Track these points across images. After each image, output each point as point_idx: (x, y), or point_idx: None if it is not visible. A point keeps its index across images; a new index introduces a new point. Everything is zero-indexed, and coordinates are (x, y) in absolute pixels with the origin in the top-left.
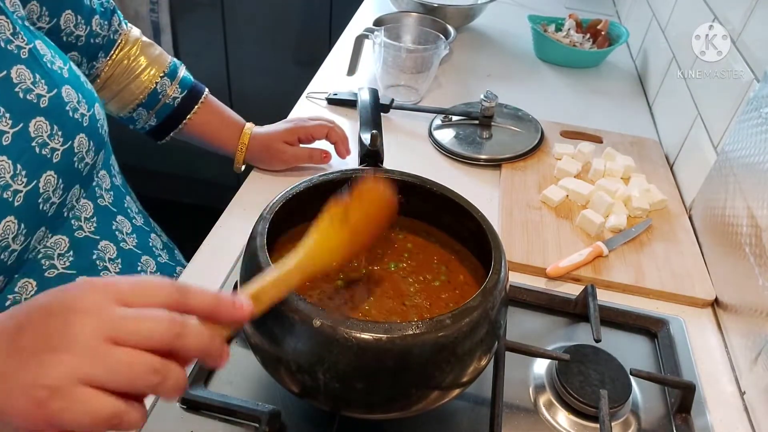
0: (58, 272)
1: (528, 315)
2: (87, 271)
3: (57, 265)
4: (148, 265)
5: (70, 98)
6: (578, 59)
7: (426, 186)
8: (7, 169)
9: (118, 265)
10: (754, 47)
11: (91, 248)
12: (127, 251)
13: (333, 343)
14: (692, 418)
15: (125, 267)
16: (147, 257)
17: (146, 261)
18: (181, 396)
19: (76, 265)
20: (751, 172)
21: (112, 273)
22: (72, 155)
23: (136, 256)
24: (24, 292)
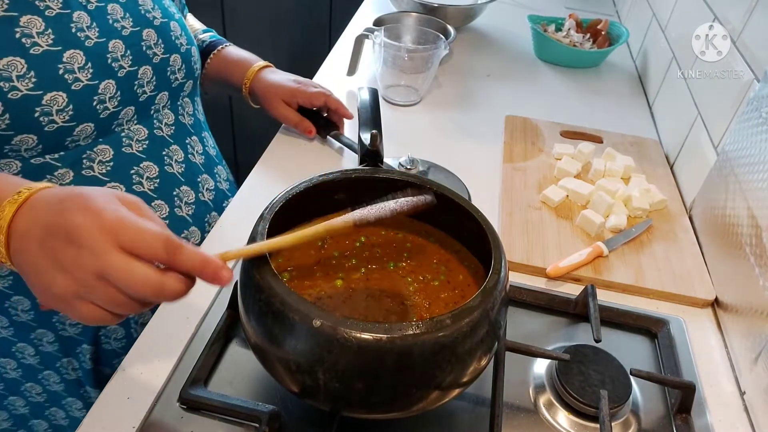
0: (132, 152)
1: (528, 315)
2: (155, 160)
3: (133, 146)
4: (207, 182)
5: (175, 30)
6: (578, 59)
7: (426, 186)
8: (119, 49)
9: (182, 168)
10: (754, 47)
11: (164, 146)
12: (193, 163)
13: (333, 343)
14: (692, 418)
15: (187, 172)
16: (208, 176)
17: (206, 178)
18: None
19: (147, 153)
20: (751, 172)
21: (175, 171)
22: (167, 65)
23: (199, 170)
24: (101, 155)
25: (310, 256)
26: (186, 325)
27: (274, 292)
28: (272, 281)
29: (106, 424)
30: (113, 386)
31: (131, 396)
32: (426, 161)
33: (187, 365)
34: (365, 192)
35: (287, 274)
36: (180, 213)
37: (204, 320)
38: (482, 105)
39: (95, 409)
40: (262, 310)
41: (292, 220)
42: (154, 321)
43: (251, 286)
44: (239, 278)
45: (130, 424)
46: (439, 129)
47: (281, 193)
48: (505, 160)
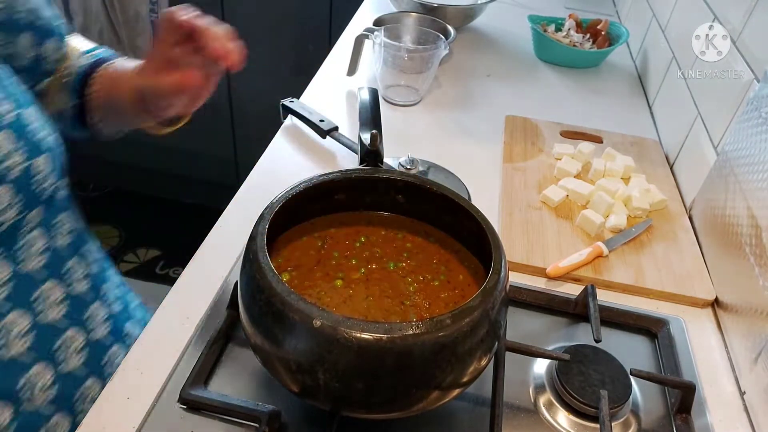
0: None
1: (528, 315)
2: (23, 307)
3: None
4: (98, 312)
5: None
6: (578, 59)
7: (426, 186)
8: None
9: (29, 340)
10: (754, 47)
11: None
12: (46, 326)
13: (333, 343)
14: (692, 418)
15: (39, 346)
16: (74, 331)
17: (71, 336)
18: None
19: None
20: (751, 172)
21: (52, 318)
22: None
23: (57, 331)
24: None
25: (310, 256)
26: (186, 325)
27: (274, 292)
28: (272, 281)
29: (106, 424)
30: (113, 386)
31: (131, 396)
32: (426, 161)
33: (187, 365)
34: (365, 192)
35: (287, 274)
36: (66, 369)
37: (204, 320)
38: (482, 105)
39: (95, 409)
40: (262, 310)
41: (292, 220)
42: (154, 321)
43: (251, 286)
44: (239, 278)
45: (130, 424)
46: (439, 129)
47: (281, 193)
48: (505, 160)
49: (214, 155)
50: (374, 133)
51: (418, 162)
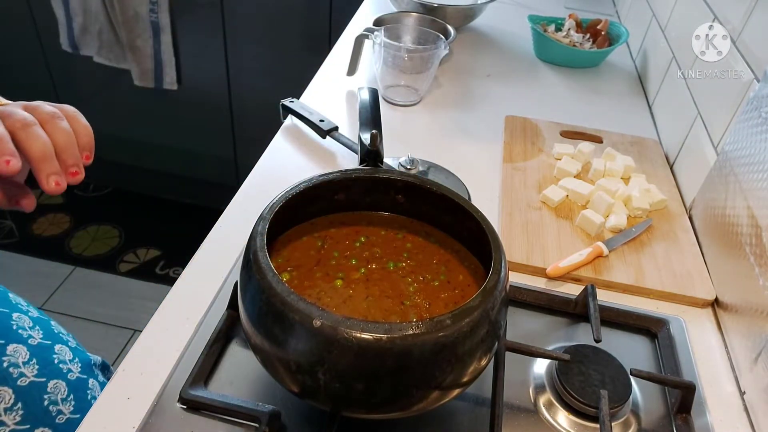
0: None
1: (528, 315)
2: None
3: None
4: (59, 388)
5: None
6: (578, 59)
7: (426, 186)
8: None
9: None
10: (754, 47)
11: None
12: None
13: (333, 343)
14: (692, 418)
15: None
16: (56, 380)
17: (55, 385)
18: None
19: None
20: (751, 172)
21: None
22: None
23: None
24: None
25: (310, 256)
26: (186, 325)
27: (274, 292)
28: (272, 281)
29: (106, 424)
30: (113, 386)
31: (131, 396)
32: (426, 161)
33: (187, 365)
34: (365, 192)
35: (287, 274)
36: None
37: (204, 320)
38: (482, 105)
39: (95, 409)
40: (262, 310)
41: (292, 220)
42: (154, 321)
43: (251, 286)
44: (239, 278)
45: (130, 424)
46: (439, 129)
47: (281, 193)
48: (505, 160)
49: (214, 155)
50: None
51: (418, 162)
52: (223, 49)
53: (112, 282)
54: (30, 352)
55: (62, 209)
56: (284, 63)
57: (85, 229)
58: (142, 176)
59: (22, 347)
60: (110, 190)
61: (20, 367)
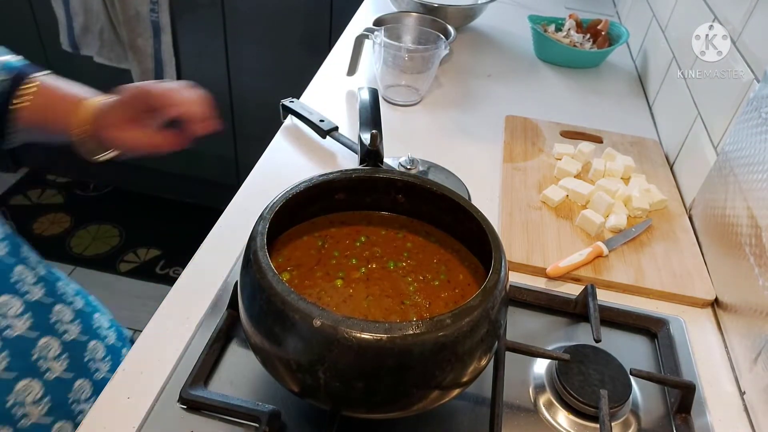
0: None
1: (528, 315)
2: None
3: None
4: (96, 350)
5: None
6: (578, 59)
7: (426, 186)
8: None
9: (64, 363)
10: (754, 47)
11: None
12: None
13: (333, 342)
14: (692, 418)
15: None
16: (95, 341)
17: (94, 346)
18: None
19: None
20: (751, 172)
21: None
22: None
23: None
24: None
25: (310, 255)
26: (186, 325)
27: (274, 292)
28: (272, 281)
29: (106, 424)
30: (113, 386)
31: (131, 396)
32: (426, 161)
33: (187, 365)
34: (365, 192)
35: (287, 273)
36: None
37: (204, 320)
38: (482, 105)
39: (95, 409)
40: (262, 310)
41: (292, 219)
42: (154, 321)
43: (251, 286)
44: (239, 278)
45: (130, 424)
46: (439, 129)
47: (281, 193)
48: (505, 160)
49: (214, 155)
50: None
51: (418, 162)
52: (224, 49)
53: (113, 282)
54: (74, 313)
55: (63, 209)
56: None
57: (86, 228)
58: (142, 176)
59: (67, 308)
60: (110, 190)
61: (65, 324)
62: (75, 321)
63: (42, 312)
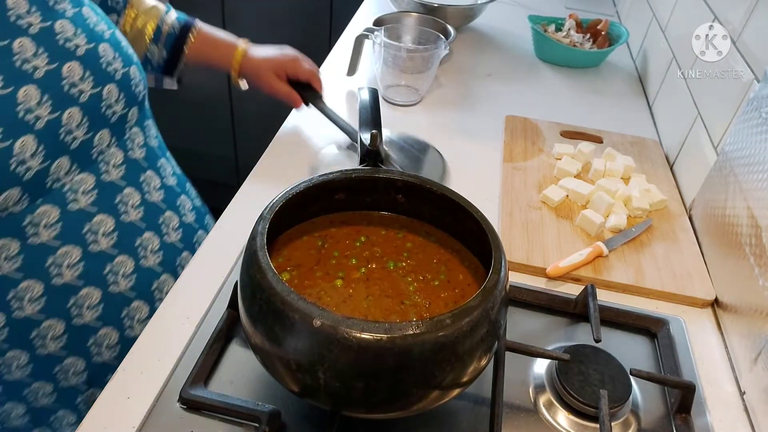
0: (80, 207)
1: (528, 315)
2: (108, 211)
3: (80, 200)
4: (172, 220)
5: (106, 54)
6: (578, 59)
7: (426, 186)
8: (33, 96)
9: (140, 213)
10: (754, 47)
11: (116, 192)
12: (151, 203)
13: (333, 342)
14: (692, 418)
15: (147, 216)
16: (171, 212)
17: (170, 216)
18: None
19: (98, 204)
20: (751, 172)
21: (132, 219)
22: (99, 100)
23: (160, 210)
24: (46, 217)
25: (310, 255)
26: (186, 325)
27: (274, 292)
28: (272, 281)
29: (106, 424)
30: (113, 386)
31: (131, 396)
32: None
33: (187, 365)
34: (365, 192)
35: (287, 273)
36: (147, 264)
37: (204, 320)
38: (482, 105)
39: (95, 409)
40: (262, 310)
41: (292, 219)
42: (154, 321)
43: (251, 286)
44: (239, 278)
45: (130, 424)
46: (439, 129)
47: (281, 193)
48: (505, 160)
49: (214, 155)
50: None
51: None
52: None
53: None
54: (142, 201)
55: None
56: None
57: None
58: None
59: (137, 194)
60: None
61: (128, 207)
62: (178, 230)
63: (154, 212)
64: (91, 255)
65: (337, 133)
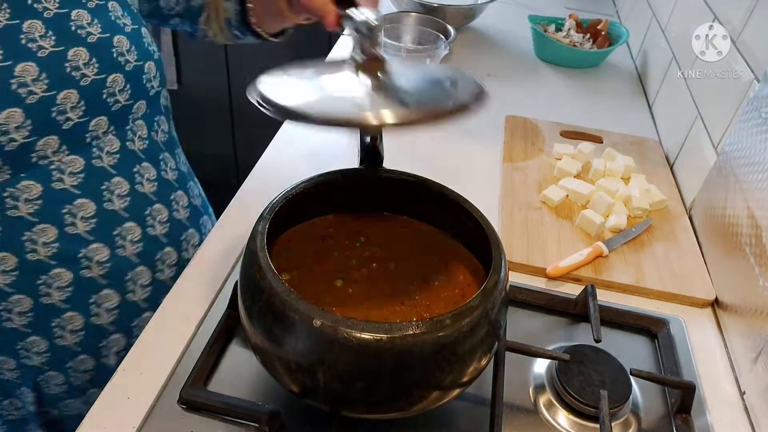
0: (63, 187)
1: (528, 315)
2: (91, 196)
3: (65, 180)
4: (160, 213)
5: (121, 45)
6: (578, 59)
7: (426, 185)
8: (31, 73)
9: (126, 202)
10: (754, 47)
11: (104, 179)
12: (140, 194)
13: (333, 343)
14: (692, 418)
15: (133, 206)
16: (161, 205)
17: (159, 208)
18: None
19: (83, 188)
20: (751, 172)
21: (116, 207)
22: (102, 87)
23: (149, 201)
24: (27, 192)
25: (310, 256)
26: (186, 325)
27: (274, 292)
28: (272, 281)
29: (106, 424)
30: (113, 386)
31: (131, 396)
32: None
33: (187, 365)
34: (365, 192)
35: (287, 274)
36: (123, 253)
37: (204, 320)
38: None
39: (95, 409)
40: (262, 310)
41: (292, 220)
42: (154, 321)
43: (251, 286)
44: (239, 278)
45: (130, 424)
46: (439, 129)
47: (281, 193)
48: (505, 160)
49: (214, 155)
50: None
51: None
52: (224, 48)
53: None
54: (130, 191)
55: None
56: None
57: None
58: None
59: (126, 183)
60: None
61: (113, 196)
62: (187, 209)
63: (167, 188)
64: (66, 236)
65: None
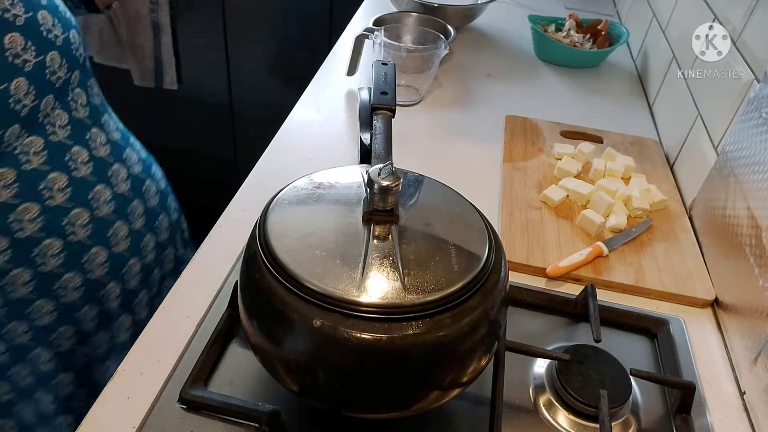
0: (33, 167)
1: (528, 315)
2: (60, 168)
3: (33, 160)
4: (120, 172)
5: (45, 21)
6: (578, 59)
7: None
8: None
9: (90, 168)
10: (754, 47)
11: (65, 150)
12: (99, 158)
13: (333, 343)
14: (692, 418)
15: (97, 170)
16: (119, 165)
17: (117, 168)
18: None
19: (50, 163)
20: (751, 172)
21: (83, 174)
22: (43, 68)
23: (108, 164)
24: (3, 179)
25: None
26: (186, 325)
27: (274, 292)
28: (272, 281)
29: (106, 424)
30: (113, 386)
31: (131, 396)
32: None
33: (187, 365)
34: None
35: None
36: (100, 214)
37: (204, 320)
38: (482, 105)
39: (95, 409)
40: (262, 310)
41: None
42: (154, 321)
43: (251, 286)
44: (239, 278)
45: (130, 424)
46: (439, 129)
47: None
48: (505, 160)
49: (214, 155)
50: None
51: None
52: (224, 48)
53: None
54: (90, 157)
55: None
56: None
57: None
58: None
59: (85, 151)
60: None
61: (77, 164)
62: (127, 181)
63: (102, 166)
64: (49, 210)
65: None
